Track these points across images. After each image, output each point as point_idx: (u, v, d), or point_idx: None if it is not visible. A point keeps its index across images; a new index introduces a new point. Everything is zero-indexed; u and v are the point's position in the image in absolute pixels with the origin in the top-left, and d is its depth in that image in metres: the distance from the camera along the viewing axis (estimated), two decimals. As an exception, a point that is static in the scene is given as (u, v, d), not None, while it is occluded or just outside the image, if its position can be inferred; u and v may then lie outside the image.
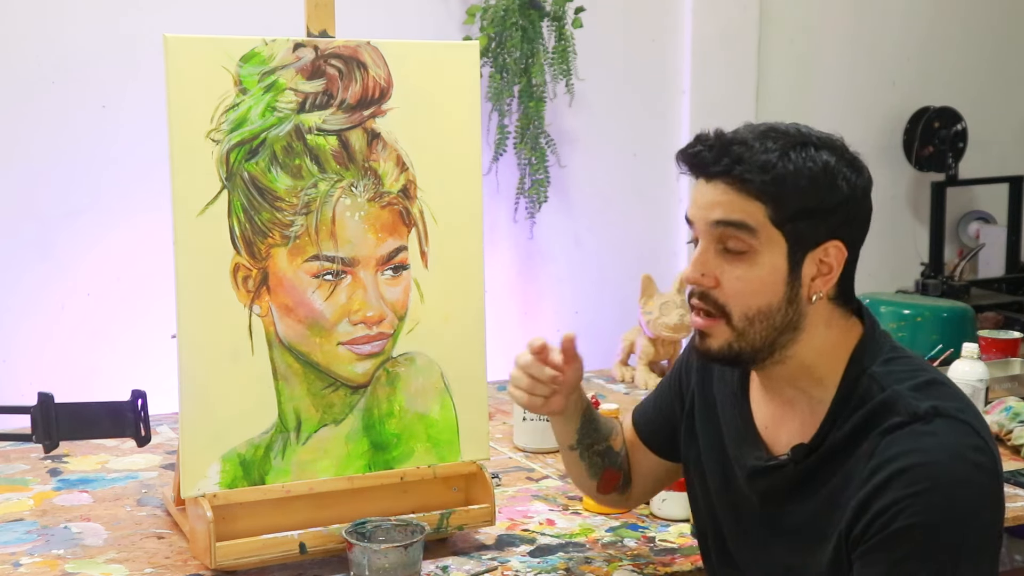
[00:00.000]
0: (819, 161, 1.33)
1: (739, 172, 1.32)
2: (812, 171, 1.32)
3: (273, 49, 1.72)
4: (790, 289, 1.34)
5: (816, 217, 1.33)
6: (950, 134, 3.63)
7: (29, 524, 1.93)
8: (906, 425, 1.29)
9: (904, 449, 1.27)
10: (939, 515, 1.24)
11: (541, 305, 3.18)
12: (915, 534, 1.24)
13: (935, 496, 1.24)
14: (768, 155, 1.32)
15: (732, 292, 1.35)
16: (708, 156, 1.34)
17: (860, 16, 3.62)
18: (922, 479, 1.25)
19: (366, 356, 1.79)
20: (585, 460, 1.70)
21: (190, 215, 1.68)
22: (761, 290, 1.34)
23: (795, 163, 1.32)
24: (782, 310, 1.35)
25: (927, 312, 2.79)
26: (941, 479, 1.25)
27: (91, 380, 2.54)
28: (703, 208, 1.36)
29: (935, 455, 1.26)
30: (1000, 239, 3.78)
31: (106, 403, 1.85)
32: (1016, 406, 2.32)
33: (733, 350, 1.38)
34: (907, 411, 1.30)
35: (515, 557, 1.81)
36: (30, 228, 2.60)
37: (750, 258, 1.34)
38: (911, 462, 1.26)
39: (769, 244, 1.33)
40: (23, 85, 2.56)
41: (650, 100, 3.24)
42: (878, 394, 1.33)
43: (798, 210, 1.32)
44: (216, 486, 1.71)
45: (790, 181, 1.31)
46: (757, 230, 1.33)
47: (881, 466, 1.28)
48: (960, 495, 1.25)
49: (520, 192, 3.02)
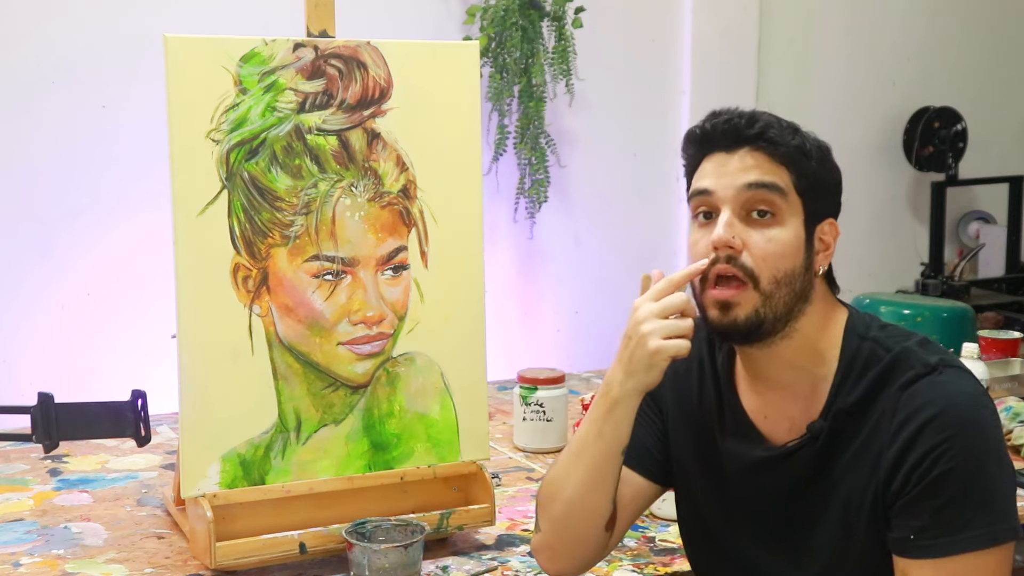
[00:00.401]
0: (818, 142, 1.43)
1: (773, 135, 1.38)
2: (820, 148, 1.42)
3: (273, 49, 1.72)
4: (807, 256, 1.40)
5: (823, 191, 1.42)
6: (950, 134, 3.63)
7: (29, 524, 1.93)
8: (923, 377, 1.36)
9: (927, 399, 1.34)
10: (972, 456, 1.31)
11: (541, 305, 3.18)
12: (953, 478, 1.30)
13: (965, 439, 1.31)
14: (784, 127, 1.41)
15: (762, 255, 1.37)
16: (742, 122, 1.40)
17: (860, 16, 3.62)
18: (950, 425, 1.32)
19: (366, 356, 1.79)
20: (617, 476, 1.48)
21: (190, 215, 1.68)
22: (788, 253, 1.38)
23: (808, 139, 1.41)
24: (801, 276, 1.39)
25: (927, 312, 2.79)
26: (967, 423, 1.32)
27: (91, 380, 2.54)
28: (731, 175, 1.39)
29: (956, 400, 1.34)
30: (1000, 239, 3.78)
31: (106, 403, 1.85)
32: (1016, 406, 2.32)
33: (759, 316, 1.38)
34: (921, 364, 1.37)
35: (515, 557, 1.81)
36: (30, 228, 2.60)
37: (778, 221, 1.38)
38: (937, 410, 1.33)
39: (792, 209, 1.39)
40: (23, 85, 2.56)
41: (650, 100, 3.24)
42: (885, 354, 1.39)
43: (814, 181, 1.40)
44: (216, 486, 1.71)
45: (809, 152, 1.40)
46: (787, 192, 1.39)
47: (909, 418, 1.34)
48: (986, 434, 1.33)
49: (520, 192, 3.02)
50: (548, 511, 1.51)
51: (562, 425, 2.35)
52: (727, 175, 1.39)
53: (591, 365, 3.10)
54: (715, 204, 1.40)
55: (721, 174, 1.39)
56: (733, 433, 1.49)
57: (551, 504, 1.50)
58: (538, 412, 2.33)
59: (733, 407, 1.49)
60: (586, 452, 1.46)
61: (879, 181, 3.70)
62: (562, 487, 1.48)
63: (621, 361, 1.44)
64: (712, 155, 1.41)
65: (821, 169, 1.41)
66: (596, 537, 1.50)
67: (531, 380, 2.33)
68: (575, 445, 1.49)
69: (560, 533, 1.50)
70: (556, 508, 1.49)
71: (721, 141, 1.41)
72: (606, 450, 1.44)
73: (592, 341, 3.16)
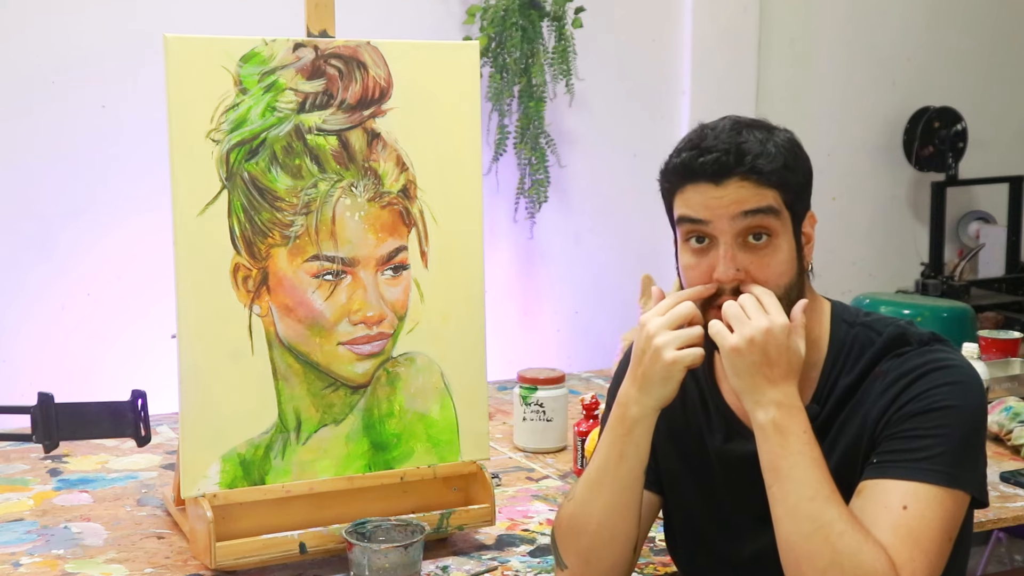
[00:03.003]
0: (789, 139, 1.43)
1: (760, 165, 1.38)
2: (793, 149, 1.42)
3: (273, 49, 1.72)
4: (799, 262, 1.43)
5: (803, 190, 1.44)
6: (950, 134, 3.64)
7: (29, 524, 1.93)
8: (916, 348, 1.41)
9: (920, 361, 1.39)
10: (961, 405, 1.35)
11: (541, 305, 3.19)
12: (932, 417, 1.34)
13: (953, 394, 1.35)
14: (765, 145, 1.39)
15: (765, 278, 1.40)
16: (729, 159, 1.38)
17: (860, 16, 3.62)
18: (941, 380, 1.36)
19: (366, 356, 1.79)
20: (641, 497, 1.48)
21: (190, 215, 1.68)
22: (786, 269, 1.41)
23: (783, 146, 1.41)
24: (797, 283, 1.43)
25: (927, 312, 2.80)
26: (958, 380, 1.37)
27: (91, 380, 2.54)
28: (725, 207, 1.38)
29: (950, 362, 1.39)
30: (1000, 239, 3.78)
31: (106, 403, 1.85)
32: (1016, 406, 2.32)
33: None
34: (916, 339, 1.42)
35: (515, 557, 1.81)
36: (30, 228, 2.60)
37: (775, 242, 1.40)
38: (930, 368, 1.38)
39: (785, 224, 1.41)
40: (23, 85, 2.56)
41: (650, 100, 3.24)
42: (878, 336, 1.43)
43: (797, 187, 1.42)
44: (216, 486, 1.71)
45: (789, 163, 1.40)
46: (780, 210, 1.40)
47: (900, 376, 1.38)
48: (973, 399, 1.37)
49: (520, 192, 3.02)
50: (574, 546, 1.48)
51: (562, 425, 2.35)
52: (721, 207, 1.38)
53: (591, 365, 3.10)
54: (710, 233, 1.40)
55: (714, 205, 1.38)
56: (721, 432, 1.49)
57: (577, 539, 1.48)
58: (538, 412, 2.33)
59: (718, 406, 1.50)
60: (608, 478, 1.44)
61: (879, 181, 3.70)
62: (588, 519, 1.46)
63: (635, 379, 1.42)
64: (697, 184, 1.40)
65: (801, 168, 1.43)
66: (626, 563, 1.48)
67: (531, 380, 2.33)
68: (594, 474, 1.46)
69: (591, 565, 1.47)
70: (583, 542, 1.47)
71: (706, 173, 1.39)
72: (630, 473, 1.43)
73: (592, 341, 3.16)
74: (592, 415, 2.15)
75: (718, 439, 1.50)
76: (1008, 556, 3.37)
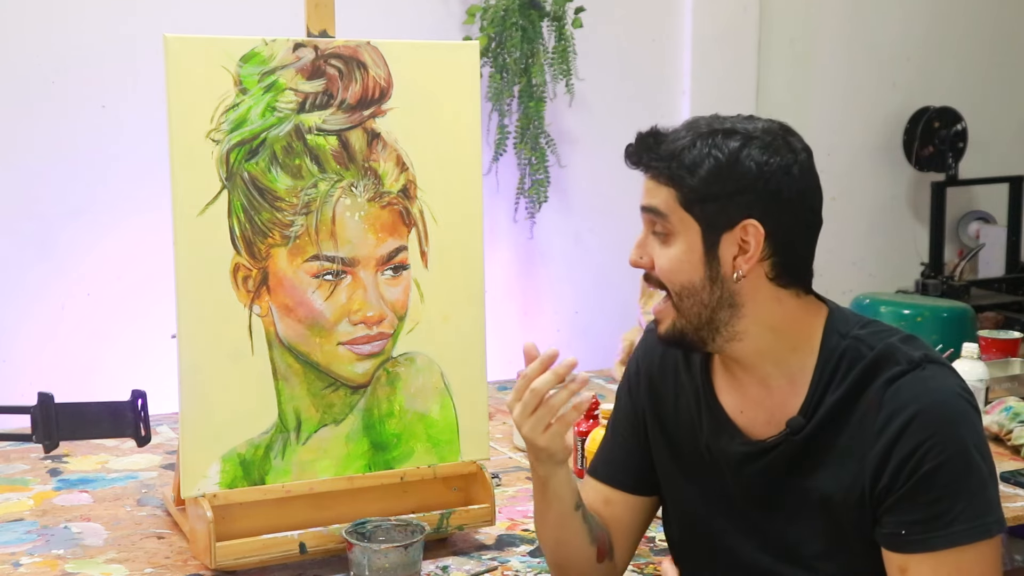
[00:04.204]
0: (723, 147, 1.39)
1: (647, 161, 1.43)
2: (714, 157, 1.39)
3: (273, 49, 1.72)
4: (709, 268, 1.40)
5: (721, 200, 1.39)
6: (950, 134, 3.63)
7: (29, 524, 1.93)
8: (907, 373, 1.37)
9: (912, 395, 1.35)
10: (959, 450, 1.33)
11: (541, 305, 3.18)
12: (942, 473, 1.32)
13: (951, 432, 1.33)
14: (675, 144, 1.41)
15: (660, 271, 1.43)
16: (631, 148, 1.45)
17: (860, 16, 3.61)
18: (935, 420, 1.34)
19: (366, 356, 1.79)
20: (588, 521, 1.54)
21: (190, 215, 1.68)
22: (680, 268, 1.41)
23: (699, 150, 1.39)
24: (707, 288, 1.41)
25: (927, 312, 2.79)
26: (951, 417, 1.34)
27: (91, 380, 2.54)
28: (642, 196, 1.45)
29: (940, 396, 1.36)
30: (1000, 239, 3.78)
31: (106, 403, 1.85)
32: (1016, 406, 2.32)
33: (677, 329, 1.44)
34: (906, 360, 1.38)
35: (515, 557, 1.81)
36: (30, 228, 2.60)
37: (669, 240, 1.42)
38: (921, 406, 1.34)
39: (683, 226, 1.41)
40: (23, 85, 2.56)
41: (650, 100, 3.24)
42: (868, 351, 1.40)
43: (703, 194, 1.39)
44: (216, 486, 1.71)
45: (691, 167, 1.39)
46: (668, 215, 1.41)
47: (894, 414, 1.35)
48: (969, 428, 1.35)
49: (520, 192, 3.02)
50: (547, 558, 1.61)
51: (562, 425, 2.34)
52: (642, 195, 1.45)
53: (591, 365, 3.09)
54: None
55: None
56: (712, 430, 1.50)
57: (546, 554, 1.60)
58: (538, 412, 2.32)
59: (711, 404, 1.50)
60: (543, 516, 1.54)
61: (879, 181, 3.70)
62: (542, 540, 1.59)
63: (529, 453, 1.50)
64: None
65: (717, 177, 1.38)
66: (594, 571, 1.56)
67: (531, 380, 2.33)
68: (536, 508, 1.56)
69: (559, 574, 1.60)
70: (546, 555, 1.60)
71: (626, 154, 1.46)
72: (560, 513, 1.52)
73: (592, 341, 3.15)
74: (592, 415, 2.15)
75: (708, 437, 1.50)
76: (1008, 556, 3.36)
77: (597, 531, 1.56)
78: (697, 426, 1.52)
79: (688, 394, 1.54)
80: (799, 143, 1.42)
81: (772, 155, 1.39)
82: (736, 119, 1.43)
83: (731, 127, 1.41)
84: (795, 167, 1.39)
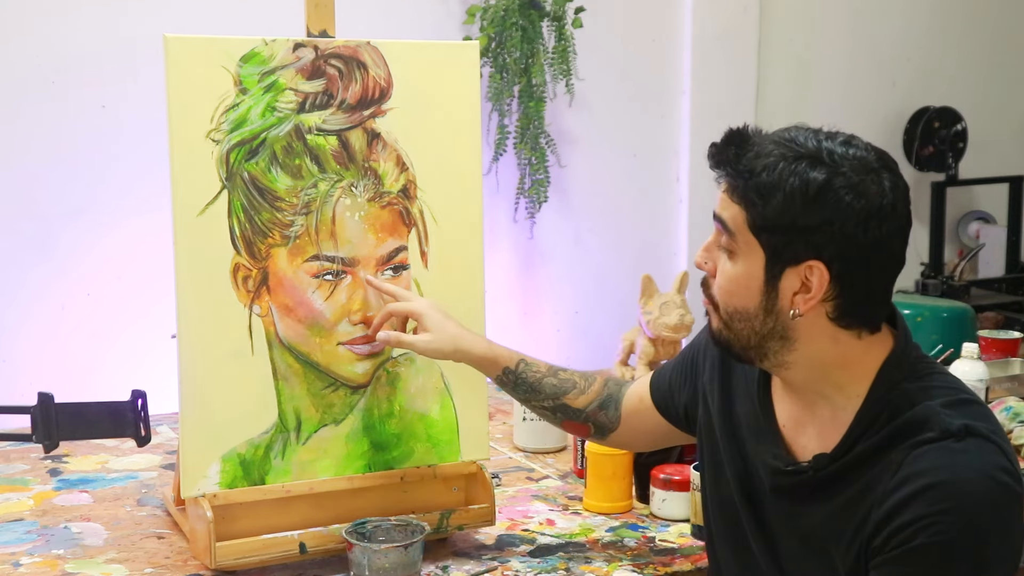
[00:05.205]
0: (805, 178, 1.29)
1: (726, 171, 1.35)
2: (792, 186, 1.29)
3: (273, 49, 1.72)
4: (766, 299, 1.34)
5: (791, 234, 1.30)
6: (950, 134, 3.63)
7: (29, 524, 1.93)
8: (937, 441, 1.28)
9: (933, 465, 1.26)
10: (960, 536, 1.23)
11: (541, 305, 3.18)
12: (933, 552, 1.24)
13: (958, 517, 1.23)
14: (758, 161, 1.31)
15: (718, 288, 1.40)
16: (712, 149, 1.37)
17: (860, 16, 3.61)
18: (947, 498, 1.24)
19: (366, 356, 1.79)
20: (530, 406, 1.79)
21: (190, 215, 1.68)
22: (737, 291, 1.36)
23: (778, 174, 1.30)
24: (759, 317, 1.35)
25: (927, 312, 2.79)
26: (966, 500, 1.24)
27: (91, 380, 2.54)
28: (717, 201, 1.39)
29: (963, 474, 1.25)
30: (1000, 239, 3.78)
31: (106, 403, 1.85)
32: (1016, 406, 2.32)
33: (723, 337, 1.41)
34: (940, 427, 1.28)
35: (515, 557, 1.81)
36: (30, 228, 2.60)
37: (733, 258, 1.36)
38: (939, 479, 1.25)
39: (748, 249, 1.34)
40: (23, 85, 2.56)
41: (650, 100, 3.24)
42: (908, 409, 1.31)
43: (773, 223, 1.31)
44: (216, 486, 1.71)
45: (766, 192, 1.30)
46: (735, 233, 1.35)
47: (908, 479, 1.27)
48: (983, 518, 1.24)
49: (520, 192, 3.02)
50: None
51: (562, 425, 2.34)
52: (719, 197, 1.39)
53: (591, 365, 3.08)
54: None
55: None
56: (760, 434, 1.47)
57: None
58: (538, 412, 2.32)
59: (765, 408, 1.47)
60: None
61: (878, 181, 3.69)
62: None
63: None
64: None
65: (790, 209, 1.29)
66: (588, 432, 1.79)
67: (531, 380, 2.33)
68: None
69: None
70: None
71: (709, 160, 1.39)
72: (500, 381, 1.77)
73: (592, 341, 3.15)
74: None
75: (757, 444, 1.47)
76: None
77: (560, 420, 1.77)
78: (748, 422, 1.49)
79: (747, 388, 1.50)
80: (892, 180, 1.32)
81: (856, 197, 1.28)
82: (835, 142, 1.32)
83: (820, 154, 1.30)
84: (881, 210, 1.29)
